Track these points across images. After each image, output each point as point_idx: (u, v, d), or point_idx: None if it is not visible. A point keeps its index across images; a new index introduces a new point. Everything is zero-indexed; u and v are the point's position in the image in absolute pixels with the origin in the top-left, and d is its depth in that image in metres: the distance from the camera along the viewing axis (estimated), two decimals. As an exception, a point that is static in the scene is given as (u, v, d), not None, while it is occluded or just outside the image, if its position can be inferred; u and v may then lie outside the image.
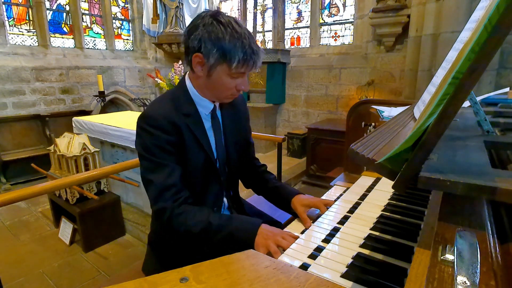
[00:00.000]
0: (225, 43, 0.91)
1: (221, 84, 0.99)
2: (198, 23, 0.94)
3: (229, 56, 0.92)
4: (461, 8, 2.86)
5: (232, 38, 0.91)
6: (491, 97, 1.40)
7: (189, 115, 1.02)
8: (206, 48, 0.92)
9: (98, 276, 2.15)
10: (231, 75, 0.97)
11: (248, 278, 0.56)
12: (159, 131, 0.97)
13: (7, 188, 3.74)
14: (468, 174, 0.46)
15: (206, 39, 0.92)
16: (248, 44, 0.93)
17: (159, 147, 0.97)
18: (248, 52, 0.93)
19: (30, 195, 1.44)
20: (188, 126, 1.01)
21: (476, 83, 0.43)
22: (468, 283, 0.35)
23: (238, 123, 1.20)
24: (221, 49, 0.92)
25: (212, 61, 0.94)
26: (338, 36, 4.82)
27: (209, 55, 0.93)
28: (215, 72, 0.96)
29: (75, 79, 4.98)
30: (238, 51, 0.92)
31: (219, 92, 1.02)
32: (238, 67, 0.94)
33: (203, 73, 0.99)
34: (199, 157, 1.04)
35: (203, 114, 1.07)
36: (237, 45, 0.92)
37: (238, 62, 0.93)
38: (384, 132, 0.78)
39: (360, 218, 0.93)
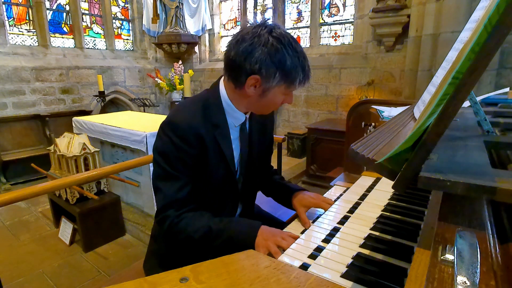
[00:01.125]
0: (288, 65, 0.89)
1: (273, 103, 0.98)
2: (255, 43, 0.88)
3: (291, 78, 0.91)
4: (461, 8, 2.86)
5: (294, 59, 0.90)
6: (491, 97, 1.40)
7: (218, 125, 0.99)
8: (268, 71, 0.89)
9: (98, 276, 2.15)
10: (285, 93, 0.96)
11: (248, 278, 0.56)
12: (182, 143, 0.94)
13: (7, 188, 3.73)
14: (468, 174, 0.46)
15: (269, 62, 0.88)
16: (307, 64, 0.94)
17: (178, 159, 0.95)
18: (307, 72, 0.94)
19: (30, 195, 1.44)
20: (214, 137, 0.98)
21: (476, 83, 0.43)
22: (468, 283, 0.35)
23: (265, 134, 1.18)
24: (283, 71, 0.90)
25: (273, 83, 0.91)
26: (338, 36, 4.82)
27: (270, 78, 0.90)
28: (271, 93, 0.94)
29: (75, 79, 4.98)
30: (299, 72, 0.92)
31: (265, 109, 1.01)
32: (297, 87, 0.95)
33: (256, 94, 0.95)
34: (220, 168, 1.02)
35: (231, 125, 1.03)
36: (298, 66, 0.91)
37: (299, 83, 0.93)
38: (384, 132, 0.78)
39: (360, 218, 0.93)
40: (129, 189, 2.92)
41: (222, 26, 6.30)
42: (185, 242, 0.98)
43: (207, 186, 1.03)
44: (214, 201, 1.06)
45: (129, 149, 2.71)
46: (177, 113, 0.99)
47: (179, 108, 1.02)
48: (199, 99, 1.02)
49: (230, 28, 6.21)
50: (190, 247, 1.02)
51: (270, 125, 1.23)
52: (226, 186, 1.06)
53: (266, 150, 1.22)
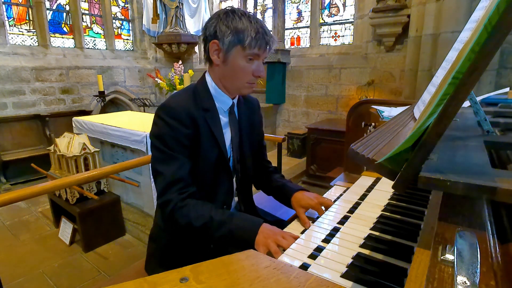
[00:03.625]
0: (238, 25, 0.97)
1: (238, 69, 1.01)
2: (213, 16, 1.02)
3: (242, 36, 0.96)
4: (461, 8, 2.86)
5: (244, 21, 0.97)
6: (491, 97, 1.40)
7: (208, 110, 1.05)
8: (221, 32, 0.98)
9: (98, 276, 2.15)
10: (246, 57, 1.00)
11: (248, 278, 0.56)
12: (177, 123, 0.99)
13: (7, 188, 3.74)
14: (468, 174, 0.46)
15: (221, 24, 0.98)
16: (260, 26, 0.98)
17: (174, 139, 0.99)
18: (260, 31, 0.97)
19: (30, 195, 1.44)
20: (206, 121, 1.04)
21: (476, 83, 0.43)
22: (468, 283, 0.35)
23: (253, 125, 1.23)
24: (234, 29, 0.96)
25: (227, 43, 0.98)
26: (338, 36, 4.82)
27: (224, 38, 0.98)
28: (231, 56, 1.00)
29: (75, 79, 4.98)
30: (251, 31, 0.96)
31: (237, 79, 1.04)
32: (252, 47, 0.97)
33: (220, 60, 1.02)
34: (213, 152, 1.06)
35: (221, 110, 1.09)
36: (249, 26, 0.97)
37: (251, 41, 0.97)
38: (384, 132, 0.78)
39: (360, 218, 0.93)
40: (129, 189, 2.92)
41: (222, 26, 6.29)
42: (185, 228, 0.98)
43: (202, 167, 1.05)
44: (209, 183, 1.08)
45: (129, 149, 2.71)
46: (170, 99, 1.05)
47: (171, 96, 1.09)
48: (189, 88, 1.10)
49: (230, 28, 6.20)
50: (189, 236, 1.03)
51: (258, 118, 1.28)
52: (219, 169, 1.09)
53: (256, 142, 1.26)
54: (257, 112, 1.27)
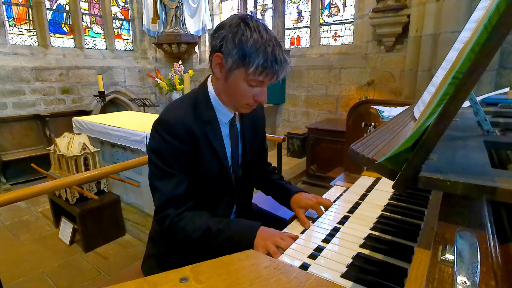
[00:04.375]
0: (247, 45, 0.86)
1: (238, 90, 0.95)
2: (225, 23, 0.91)
3: (248, 60, 0.87)
4: (461, 8, 2.86)
5: (255, 42, 0.87)
6: (491, 97, 1.40)
7: (208, 122, 1.00)
8: (227, 48, 0.88)
9: (98, 276, 2.15)
10: (248, 82, 0.92)
11: (248, 278, 0.56)
12: (175, 140, 0.94)
13: (7, 188, 3.73)
14: (468, 174, 0.46)
15: (229, 38, 0.88)
16: (271, 51, 0.87)
17: (172, 155, 0.95)
18: (269, 59, 0.87)
19: (30, 195, 1.44)
20: (205, 134, 0.99)
21: (476, 83, 0.43)
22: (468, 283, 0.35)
23: (257, 131, 1.18)
24: (242, 50, 0.87)
25: (230, 62, 0.89)
26: (338, 36, 4.82)
27: (229, 55, 0.89)
28: (233, 76, 0.92)
29: (75, 79, 4.98)
30: (259, 56, 0.87)
31: (235, 99, 0.99)
32: (256, 74, 0.89)
33: (221, 76, 0.95)
34: (214, 165, 1.02)
35: (222, 121, 1.04)
36: (259, 49, 0.86)
37: (257, 68, 0.87)
38: (384, 132, 0.78)
39: (360, 218, 0.93)
40: (129, 189, 2.92)
41: (222, 26, 6.29)
42: (184, 241, 0.97)
43: (202, 181, 1.03)
44: (210, 197, 1.06)
45: (129, 149, 2.71)
46: (167, 112, 0.99)
47: (169, 107, 1.02)
48: (188, 97, 1.04)
49: (230, 28, 6.20)
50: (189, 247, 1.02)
51: (262, 121, 1.23)
52: (220, 182, 1.07)
53: (259, 147, 1.23)
54: (261, 114, 1.22)
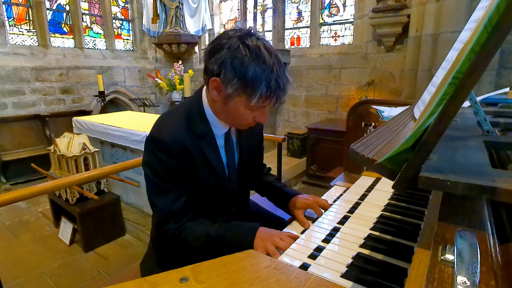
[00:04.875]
0: (249, 73, 0.82)
1: (237, 114, 0.91)
2: (223, 44, 0.84)
3: (250, 89, 0.83)
4: (461, 8, 2.86)
5: (257, 69, 0.82)
6: (491, 97, 1.40)
7: (203, 136, 0.97)
8: (226, 75, 0.83)
9: (98, 276, 2.15)
10: (250, 108, 0.89)
11: (248, 278, 0.56)
12: (169, 158, 0.92)
13: (7, 188, 3.73)
14: (468, 174, 0.46)
15: (228, 65, 0.82)
16: (275, 77, 0.83)
17: (166, 173, 0.94)
18: (273, 87, 0.83)
19: (30, 195, 1.44)
20: (200, 149, 0.96)
21: (476, 83, 0.43)
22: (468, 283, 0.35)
23: (253, 137, 1.15)
24: (243, 79, 0.82)
25: (230, 91, 0.85)
26: (338, 36, 4.82)
27: (229, 83, 0.84)
28: (233, 102, 0.88)
29: (75, 79, 4.98)
30: (262, 85, 0.82)
31: (234, 120, 0.96)
32: (259, 102, 0.86)
33: (219, 99, 0.91)
34: (210, 178, 1.01)
35: (217, 135, 1.01)
36: (262, 78, 0.82)
37: (260, 97, 0.84)
38: (384, 132, 0.78)
39: (360, 218, 0.93)
40: (129, 189, 2.92)
41: (222, 26, 6.29)
42: (187, 251, 0.97)
43: (199, 193, 1.02)
44: (208, 207, 1.05)
45: (129, 149, 2.71)
46: (160, 129, 0.96)
47: (162, 123, 0.99)
48: (182, 110, 1.00)
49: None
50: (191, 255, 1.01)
51: (258, 134, 1.19)
52: (218, 192, 1.05)
53: (257, 152, 1.21)
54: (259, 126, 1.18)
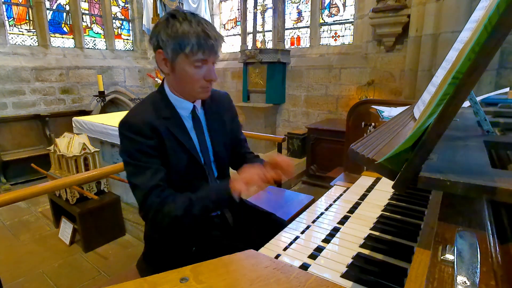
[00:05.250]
0: (178, 31, 0.93)
1: (187, 77, 1.00)
2: (157, 23, 0.99)
3: (183, 44, 0.94)
4: (461, 8, 2.86)
5: (184, 25, 0.94)
6: (491, 97, 1.40)
7: (169, 118, 1.04)
8: (163, 41, 0.96)
9: (98, 276, 2.15)
10: (193, 64, 0.97)
11: (248, 278, 0.56)
12: (139, 137, 0.98)
13: (7, 188, 3.73)
14: (468, 174, 0.46)
15: (162, 32, 0.96)
16: (201, 29, 0.94)
17: (140, 152, 0.99)
18: (201, 36, 0.94)
19: (30, 195, 1.44)
20: (168, 129, 1.03)
21: (476, 83, 0.43)
22: (468, 283, 0.35)
23: (225, 122, 1.20)
24: (175, 37, 0.94)
25: (170, 53, 0.96)
26: (338, 36, 4.82)
27: (166, 47, 0.96)
28: (177, 65, 0.98)
29: (75, 79, 4.98)
30: (192, 37, 0.93)
31: (188, 86, 1.03)
32: (195, 53, 0.95)
33: (168, 69, 1.01)
34: (183, 158, 1.05)
35: (184, 116, 1.08)
36: (190, 31, 0.93)
37: (193, 48, 0.94)
38: (384, 132, 0.78)
39: (360, 218, 0.93)
40: (129, 189, 2.89)
41: (222, 26, 6.30)
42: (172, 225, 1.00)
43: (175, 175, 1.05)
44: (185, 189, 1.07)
45: (129, 149, 2.71)
46: (128, 114, 1.05)
47: (131, 111, 1.07)
48: (147, 99, 1.10)
49: (230, 28, 6.21)
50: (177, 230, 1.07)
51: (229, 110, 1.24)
52: (193, 175, 1.09)
53: (233, 139, 1.24)
54: (227, 106, 1.24)
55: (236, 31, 6.08)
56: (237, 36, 6.03)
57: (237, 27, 6.01)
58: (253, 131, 4.70)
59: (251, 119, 5.15)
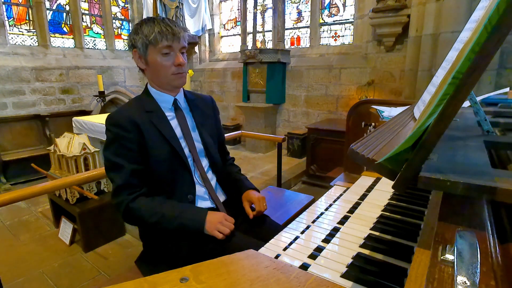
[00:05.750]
0: (145, 29, 1.08)
1: (158, 65, 1.11)
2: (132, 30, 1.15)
3: (148, 36, 1.07)
4: (461, 8, 2.86)
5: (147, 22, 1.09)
6: (491, 97, 1.40)
7: (152, 111, 1.14)
8: (135, 40, 1.11)
9: (98, 276, 2.15)
10: (160, 52, 1.09)
11: (248, 278, 0.56)
12: (118, 129, 1.07)
13: (7, 188, 3.73)
14: (468, 174, 0.46)
15: (134, 34, 1.12)
16: (161, 21, 1.08)
17: (120, 146, 1.07)
18: (161, 25, 1.07)
19: (30, 195, 1.44)
20: (151, 122, 1.12)
21: (476, 83, 0.43)
22: (468, 283, 0.35)
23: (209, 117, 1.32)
24: (142, 33, 1.08)
25: (141, 48, 1.10)
26: (338, 36, 4.82)
27: (138, 44, 1.10)
28: (149, 57, 1.11)
29: (75, 79, 4.98)
30: (153, 28, 1.07)
31: (162, 75, 1.13)
32: (159, 41, 1.07)
33: (144, 64, 1.14)
34: (163, 149, 1.12)
35: (166, 109, 1.18)
36: (152, 25, 1.08)
37: (155, 36, 1.06)
38: (384, 132, 0.78)
39: (360, 218, 0.93)
40: (129, 189, 2.91)
41: (222, 26, 6.30)
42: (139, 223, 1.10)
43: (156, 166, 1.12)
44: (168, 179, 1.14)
45: (129, 149, 2.71)
46: (115, 111, 1.15)
47: (118, 108, 1.19)
48: (134, 98, 1.22)
49: (230, 28, 6.21)
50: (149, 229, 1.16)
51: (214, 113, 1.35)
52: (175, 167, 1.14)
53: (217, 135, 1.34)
54: (211, 105, 1.35)
55: (236, 31, 6.08)
56: (237, 36, 6.03)
57: (237, 27, 6.01)
58: (253, 131, 4.70)
59: (251, 119, 5.15)
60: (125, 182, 1.07)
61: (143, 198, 1.09)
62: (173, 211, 1.07)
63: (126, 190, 1.07)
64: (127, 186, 1.07)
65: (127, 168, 1.07)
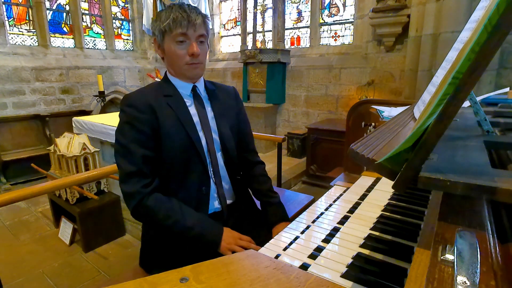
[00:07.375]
0: (162, 17, 1.06)
1: (173, 54, 1.08)
2: None
3: (164, 24, 1.04)
4: (461, 8, 2.86)
5: (167, 9, 1.07)
6: (491, 97, 1.40)
7: (170, 95, 1.11)
8: (153, 27, 1.10)
9: (98, 276, 2.15)
10: (174, 40, 1.05)
11: (248, 278, 0.56)
12: (132, 109, 1.04)
13: (7, 188, 3.73)
14: (468, 174, 0.46)
15: (154, 23, 1.10)
16: (176, 8, 1.05)
17: (132, 128, 1.02)
18: (177, 14, 1.03)
19: (30, 195, 1.44)
20: (168, 105, 1.09)
21: (476, 83, 0.43)
22: (468, 283, 0.35)
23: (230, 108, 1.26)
24: (159, 21, 1.06)
25: (158, 36, 1.09)
26: (338, 36, 4.82)
27: (156, 33, 1.09)
28: (165, 45, 1.08)
29: (75, 79, 4.98)
30: (169, 16, 1.03)
31: (175, 64, 1.11)
32: (174, 28, 1.04)
33: (161, 53, 1.13)
34: (178, 135, 1.07)
35: (185, 95, 1.15)
36: (166, 13, 1.05)
37: (170, 23, 1.03)
38: (384, 132, 0.78)
39: (360, 218, 0.93)
40: (129, 189, 2.91)
41: (222, 26, 6.30)
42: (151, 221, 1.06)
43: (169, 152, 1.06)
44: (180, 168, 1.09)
45: (129, 149, 2.70)
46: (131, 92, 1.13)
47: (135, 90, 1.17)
48: (153, 83, 1.22)
49: (230, 28, 6.21)
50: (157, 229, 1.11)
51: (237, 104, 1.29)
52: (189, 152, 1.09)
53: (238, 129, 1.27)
54: (233, 96, 1.30)
55: (236, 31, 6.08)
56: (237, 36, 6.03)
57: (237, 27, 6.01)
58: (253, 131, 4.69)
59: (251, 119, 5.11)
60: (137, 169, 1.00)
61: (159, 195, 1.03)
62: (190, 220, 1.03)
63: (138, 179, 1.00)
64: (139, 173, 1.00)
65: (138, 153, 1.01)
